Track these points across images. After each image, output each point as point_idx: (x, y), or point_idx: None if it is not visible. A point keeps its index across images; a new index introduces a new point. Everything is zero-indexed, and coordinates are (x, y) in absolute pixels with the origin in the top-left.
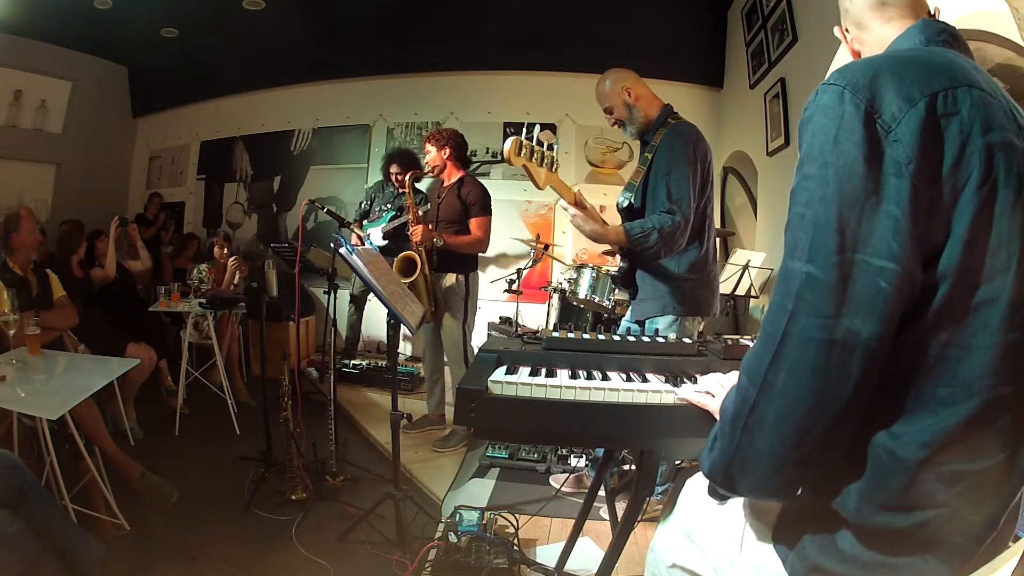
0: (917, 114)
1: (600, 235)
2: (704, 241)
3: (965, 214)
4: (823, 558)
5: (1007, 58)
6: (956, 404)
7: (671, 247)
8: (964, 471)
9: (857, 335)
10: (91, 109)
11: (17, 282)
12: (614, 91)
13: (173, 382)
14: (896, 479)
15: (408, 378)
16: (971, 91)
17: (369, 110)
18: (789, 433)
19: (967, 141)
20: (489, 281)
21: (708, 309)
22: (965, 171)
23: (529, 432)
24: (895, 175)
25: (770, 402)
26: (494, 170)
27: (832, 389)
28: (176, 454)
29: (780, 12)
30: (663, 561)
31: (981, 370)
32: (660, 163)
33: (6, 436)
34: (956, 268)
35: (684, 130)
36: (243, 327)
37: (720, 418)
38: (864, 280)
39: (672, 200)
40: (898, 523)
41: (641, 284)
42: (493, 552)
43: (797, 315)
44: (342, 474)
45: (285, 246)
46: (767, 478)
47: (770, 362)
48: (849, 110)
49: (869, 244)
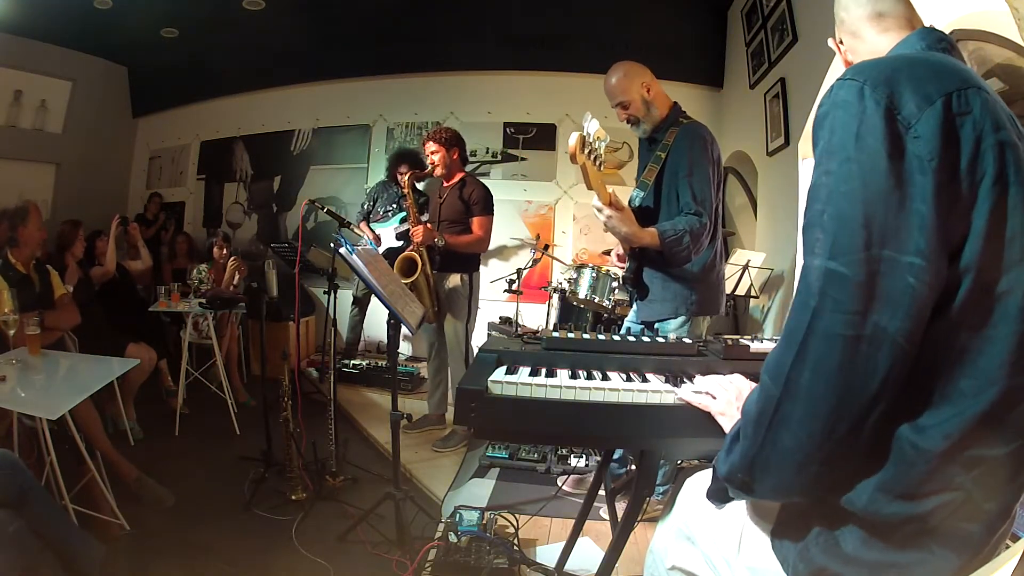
0: (935, 112)
1: (636, 237)
2: (715, 241)
3: (983, 209)
4: (827, 560)
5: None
6: (977, 395)
7: (699, 249)
8: (982, 457)
9: (885, 331)
10: (91, 109)
11: (20, 280)
12: (633, 86)
13: (173, 382)
14: (917, 469)
15: (408, 378)
16: (980, 92)
17: (369, 110)
18: (816, 432)
19: (980, 139)
20: (489, 281)
21: (717, 308)
22: (981, 168)
23: (529, 432)
24: (919, 172)
25: (795, 401)
26: (494, 170)
27: (858, 386)
28: (176, 454)
29: (780, 12)
30: (662, 563)
31: (1001, 359)
32: (679, 163)
33: (6, 436)
34: (977, 262)
35: (700, 131)
36: (243, 327)
37: (743, 419)
38: (893, 277)
39: (698, 202)
40: (912, 511)
41: (651, 285)
42: (493, 552)
43: (821, 312)
44: (342, 474)
45: (285, 246)
46: (791, 478)
47: (793, 360)
48: (870, 106)
49: (897, 240)
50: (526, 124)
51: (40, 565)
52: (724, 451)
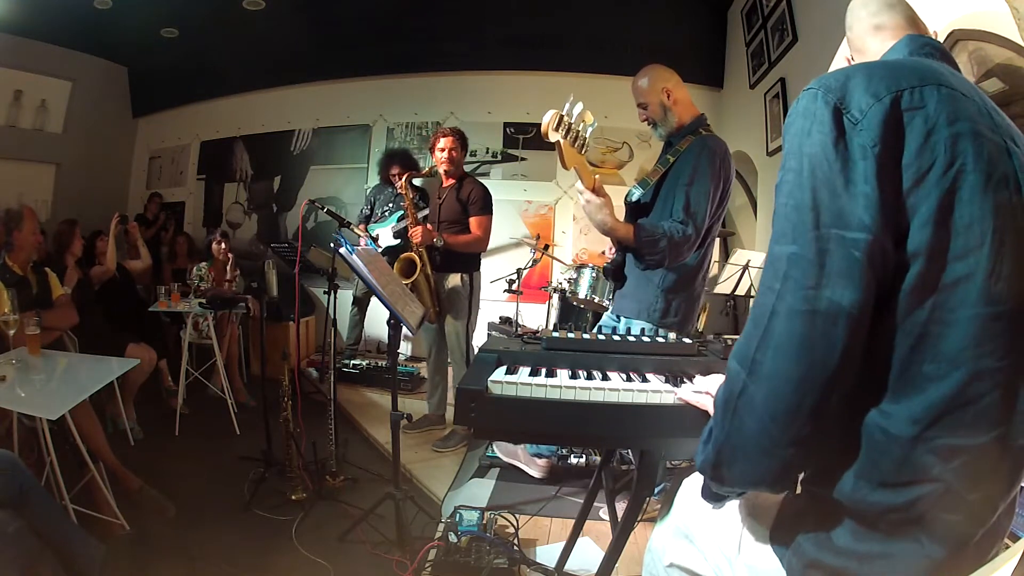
0: (882, 107)
1: (609, 227)
2: (701, 258)
3: (933, 196)
4: (820, 553)
5: (1007, 58)
6: (942, 378)
7: (677, 257)
8: (958, 446)
9: (839, 304)
10: (91, 109)
11: (17, 282)
12: (653, 89)
13: (173, 382)
14: (890, 455)
15: (408, 378)
16: (939, 88)
17: (369, 110)
18: (780, 412)
19: (932, 131)
20: (489, 281)
21: (684, 326)
22: (929, 157)
23: (529, 432)
24: (862, 158)
25: (759, 382)
26: (494, 170)
27: (819, 360)
28: (176, 454)
29: (780, 12)
30: (661, 561)
31: (963, 343)
32: (683, 170)
33: (6, 436)
34: (927, 247)
35: (713, 144)
36: (243, 327)
37: (714, 409)
38: (840, 252)
39: (688, 212)
40: (894, 500)
41: (628, 280)
42: (493, 552)
43: (784, 293)
44: (342, 474)
45: (285, 246)
46: (758, 464)
47: (759, 343)
48: (821, 107)
49: (843, 219)
50: (526, 124)
51: (40, 565)
52: (701, 442)
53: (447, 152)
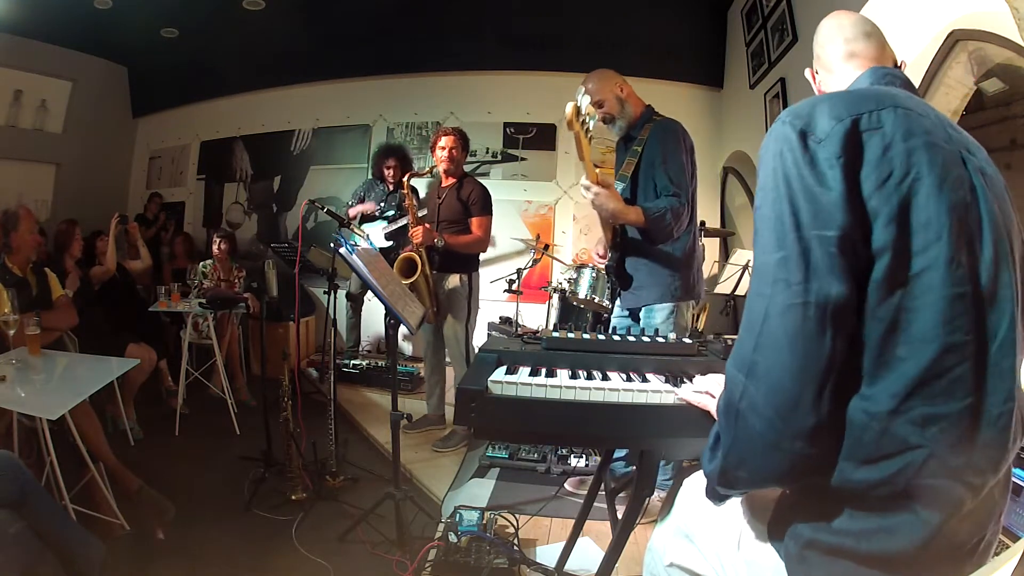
0: (843, 127)
1: (622, 214)
2: (692, 226)
3: (891, 200)
4: (816, 534)
5: (1007, 58)
6: (915, 355)
7: (679, 228)
8: (934, 414)
9: (828, 294)
10: (91, 109)
11: (17, 282)
12: (608, 86)
13: (173, 382)
14: (871, 431)
15: (408, 378)
16: (896, 110)
17: (369, 110)
18: (782, 405)
19: (889, 147)
20: (489, 281)
21: (698, 293)
22: (887, 168)
23: (529, 432)
24: (829, 168)
25: (759, 381)
26: (494, 170)
27: (814, 350)
28: (176, 454)
29: (780, 12)
30: (661, 560)
31: (932, 322)
32: (653, 155)
33: (6, 436)
34: (891, 244)
35: (672, 125)
36: (243, 327)
37: (718, 417)
38: (821, 249)
39: (675, 184)
40: (878, 475)
41: (635, 274)
42: (493, 552)
43: (775, 295)
44: (342, 474)
45: (285, 246)
46: (769, 458)
47: (755, 345)
48: (789, 131)
49: (819, 219)
50: (526, 124)
51: (40, 565)
52: (707, 449)
53: (448, 151)
